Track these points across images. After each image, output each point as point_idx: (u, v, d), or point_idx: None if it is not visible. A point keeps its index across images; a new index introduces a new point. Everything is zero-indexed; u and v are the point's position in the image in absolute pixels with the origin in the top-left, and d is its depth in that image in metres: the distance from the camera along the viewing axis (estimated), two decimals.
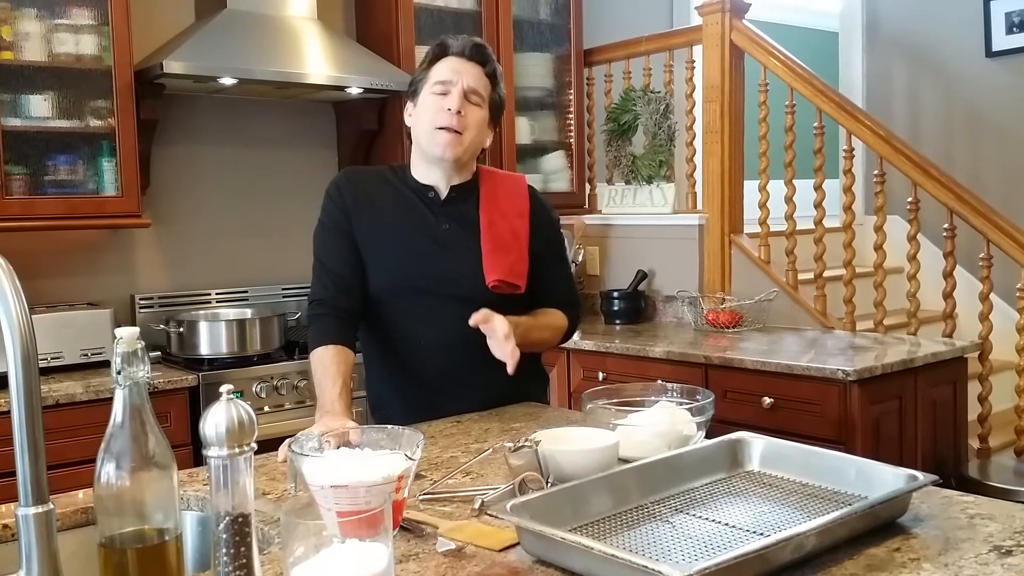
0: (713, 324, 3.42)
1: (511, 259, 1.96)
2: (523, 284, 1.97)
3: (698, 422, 1.61)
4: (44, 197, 2.81)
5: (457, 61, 1.93)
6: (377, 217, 1.97)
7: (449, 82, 1.91)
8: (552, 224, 2.10)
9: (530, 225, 2.02)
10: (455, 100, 1.89)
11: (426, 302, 1.94)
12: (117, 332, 0.96)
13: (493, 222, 1.98)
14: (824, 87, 3.47)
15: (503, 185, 2.06)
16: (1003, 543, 1.19)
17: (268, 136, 3.54)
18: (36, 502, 0.95)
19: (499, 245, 1.96)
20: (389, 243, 1.96)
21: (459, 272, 1.94)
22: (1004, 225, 3.21)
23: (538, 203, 2.07)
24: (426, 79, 1.94)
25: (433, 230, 1.97)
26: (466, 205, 2.00)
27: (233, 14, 3.09)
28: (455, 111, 1.89)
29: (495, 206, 2.00)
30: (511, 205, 2.02)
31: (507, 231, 1.98)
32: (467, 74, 1.92)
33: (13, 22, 2.74)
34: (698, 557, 1.16)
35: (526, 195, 2.06)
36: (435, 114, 1.90)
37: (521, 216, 2.01)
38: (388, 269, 1.95)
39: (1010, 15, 4.27)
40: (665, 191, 3.85)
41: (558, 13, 4.01)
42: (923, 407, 2.86)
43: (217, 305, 3.35)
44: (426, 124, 1.92)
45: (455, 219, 1.98)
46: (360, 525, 0.96)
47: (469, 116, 1.91)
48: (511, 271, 1.95)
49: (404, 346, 1.97)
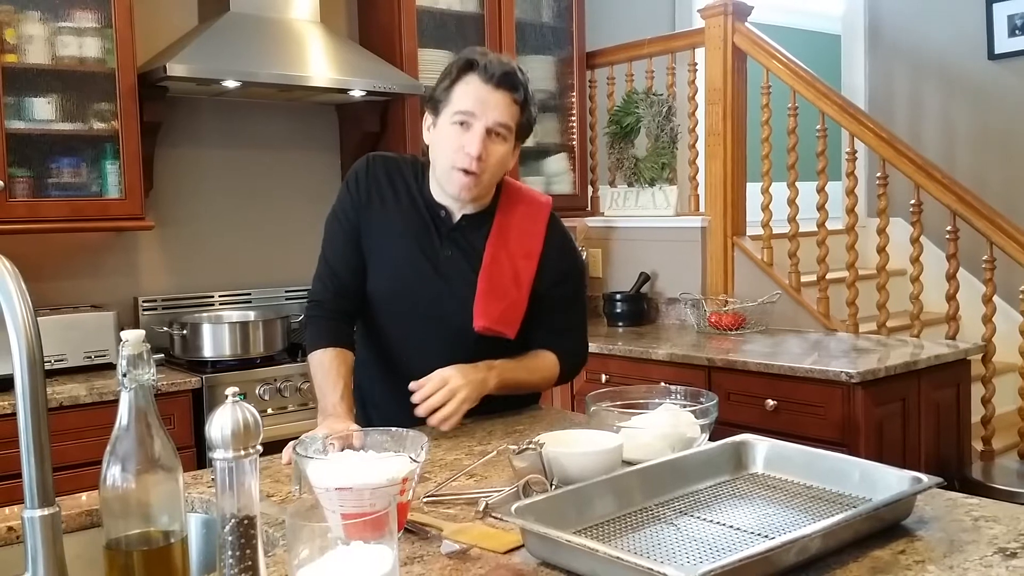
0: (716, 326, 3.42)
1: (504, 305, 1.86)
2: (513, 332, 1.88)
3: (702, 424, 1.61)
4: (48, 200, 2.82)
5: (484, 88, 1.76)
6: (385, 221, 1.91)
7: (472, 114, 1.76)
8: (563, 267, 1.95)
9: (539, 265, 1.89)
10: (476, 143, 1.75)
11: (415, 324, 1.90)
12: (123, 335, 0.96)
13: (496, 260, 1.87)
14: (827, 89, 3.47)
15: (520, 215, 1.92)
16: (1008, 545, 1.19)
17: (271, 139, 3.54)
18: (42, 504, 0.95)
19: (495, 287, 1.86)
20: (391, 255, 1.91)
21: (451, 306, 1.87)
22: (1007, 227, 3.21)
23: (553, 243, 1.93)
24: (447, 101, 1.79)
25: (436, 254, 1.89)
26: (476, 234, 1.90)
27: (236, 17, 3.10)
28: (475, 156, 1.75)
29: (504, 242, 1.89)
30: (521, 244, 1.89)
31: (509, 274, 1.87)
32: (493, 108, 1.76)
33: (17, 25, 2.75)
34: (703, 559, 1.16)
35: (541, 233, 1.92)
36: (454, 153, 1.78)
37: (529, 257, 1.89)
38: (385, 282, 1.91)
39: (1012, 18, 4.27)
40: (667, 193, 3.85)
41: (560, 16, 4.02)
42: (926, 409, 2.86)
43: (220, 307, 3.35)
44: (444, 159, 1.81)
45: (460, 247, 1.89)
46: (365, 527, 0.97)
47: (491, 157, 1.78)
48: (500, 319, 1.86)
49: (393, 351, 1.95)
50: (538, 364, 1.94)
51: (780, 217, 3.60)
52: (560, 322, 1.96)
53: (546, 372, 1.96)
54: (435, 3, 3.60)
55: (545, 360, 1.95)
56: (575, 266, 2.01)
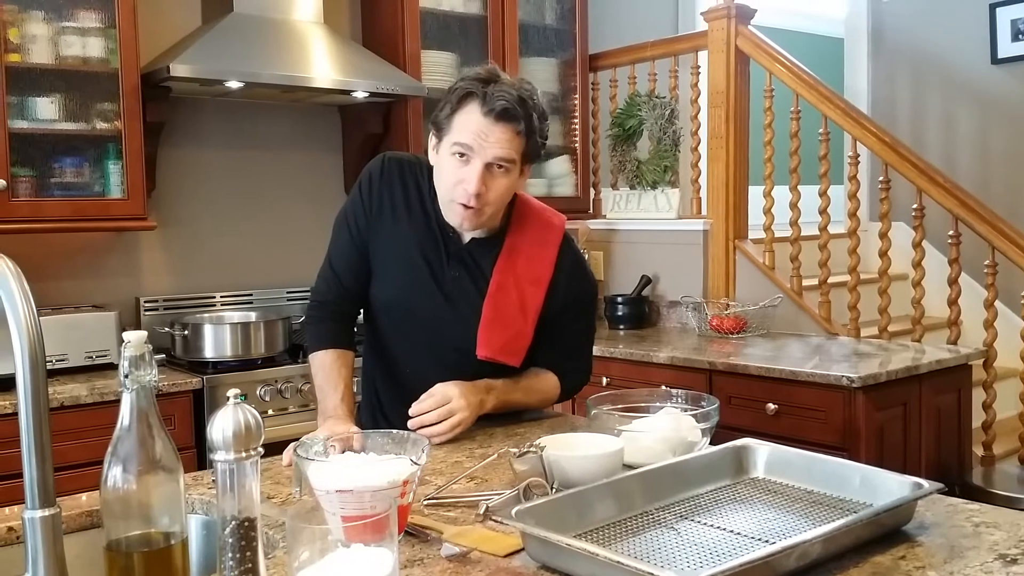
0: (717, 330, 3.42)
1: (509, 334, 1.84)
2: (518, 362, 1.86)
3: (703, 428, 1.61)
4: (50, 199, 2.82)
5: (483, 122, 1.69)
6: (393, 230, 1.87)
7: (470, 148, 1.70)
8: (573, 292, 1.90)
9: (548, 291, 1.85)
10: (474, 182, 1.70)
11: (418, 338, 1.88)
12: (125, 336, 0.96)
13: (503, 288, 1.83)
14: (829, 93, 3.47)
15: (531, 239, 1.87)
16: (1008, 551, 1.19)
17: (273, 139, 3.54)
18: (43, 505, 0.95)
19: (500, 316, 1.83)
20: (397, 269, 1.88)
21: (454, 329, 1.84)
22: (1009, 232, 3.21)
23: (563, 267, 1.88)
24: (448, 129, 1.74)
25: (443, 274, 1.85)
26: (485, 257, 1.85)
27: (239, 18, 3.10)
28: (473, 193, 1.71)
29: (512, 267, 1.84)
30: (530, 269, 1.85)
31: (515, 302, 1.83)
32: (493, 143, 1.70)
33: (20, 24, 2.75)
34: (703, 564, 1.16)
35: (551, 258, 1.86)
36: (454, 186, 1.73)
37: (537, 284, 1.85)
38: (389, 293, 1.89)
39: (1016, 22, 4.27)
40: (670, 196, 3.85)
41: (564, 18, 4.02)
42: (927, 414, 2.85)
43: (222, 308, 3.35)
44: (444, 190, 1.77)
45: (468, 268, 1.85)
46: (365, 530, 0.97)
47: (491, 191, 1.73)
48: (504, 348, 1.84)
49: (395, 358, 1.94)
50: (538, 387, 1.93)
51: (782, 221, 3.60)
52: (565, 344, 1.94)
53: (545, 395, 1.95)
54: (438, 4, 3.61)
55: (546, 382, 1.93)
56: (586, 291, 1.95)
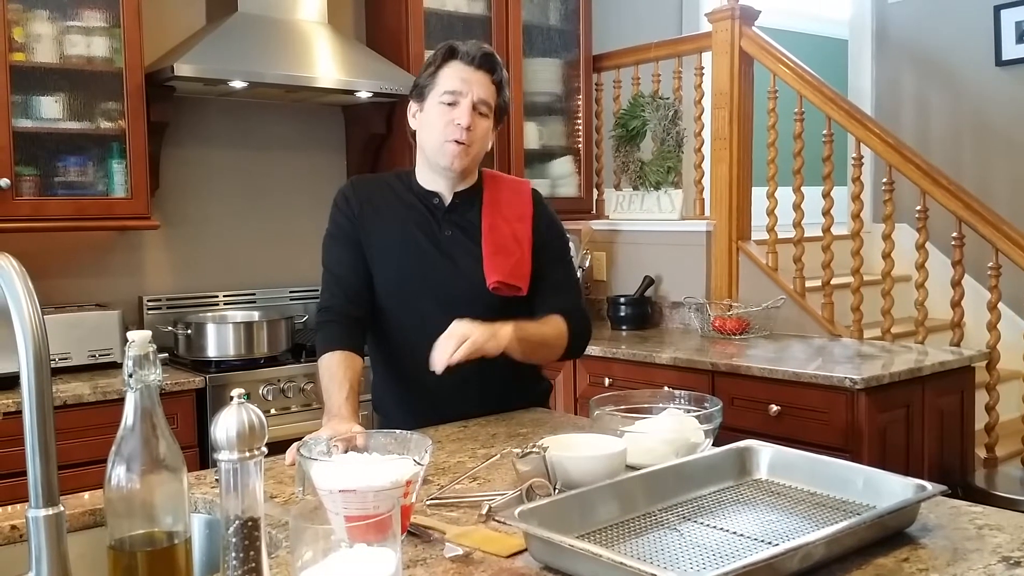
0: (720, 331, 3.41)
1: (512, 261, 1.97)
2: (525, 286, 1.98)
3: (706, 429, 1.61)
4: (54, 198, 2.82)
5: (466, 70, 1.92)
6: (383, 224, 1.99)
7: (459, 92, 1.90)
8: (554, 229, 2.08)
9: (532, 224, 2.02)
10: (465, 116, 1.90)
11: (429, 308, 1.93)
12: (129, 335, 0.96)
13: (495, 226, 1.99)
14: (833, 94, 3.47)
15: (506, 190, 2.07)
16: (1012, 554, 1.19)
17: (277, 139, 3.54)
18: (46, 504, 0.95)
19: (500, 248, 1.97)
20: (394, 249, 1.98)
21: (461, 277, 1.96)
22: (1013, 234, 3.20)
23: (541, 207, 2.08)
24: (433, 85, 1.94)
25: (437, 236, 1.99)
26: (470, 211, 2.01)
27: (244, 17, 3.10)
28: (465, 127, 1.89)
29: (497, 210, 2.02)
30: (513, 209, 2.03)
31: (508, 234, 1.99)
32: (476, 84, 1.91)
33: (25, 24, 2.75)
34: (706, 566, 1.16)
35: (529, 200, 2.06)
36: (444, 127, 1.91)
37: (522, 220, 2.02)
38: (392, 274, 1.98)
39: (1020, 24, 4.26)
40: (673, 197, 3.84)
41: (568, 19, 4.02)
42: (930, 416, 2.85)
43: (225, 307, 3.36)
44: (435, 135, 1.93)
45: (459, 225, 2.00)
46: (368, 530, 0.97)
47: (477, 129, 1.92)
48: (512, 273, 1.96)
49: (406, 351, 1.97)
50: (548, 324, 1.98)
51: (785, 222, 3.60)
52: (558, 284, 2.04)
53: (557, 329, 1.99)
54: (442, 5, 3.61)
55: (554, 320, 2.00)
56: (561, 235, 2.12)
